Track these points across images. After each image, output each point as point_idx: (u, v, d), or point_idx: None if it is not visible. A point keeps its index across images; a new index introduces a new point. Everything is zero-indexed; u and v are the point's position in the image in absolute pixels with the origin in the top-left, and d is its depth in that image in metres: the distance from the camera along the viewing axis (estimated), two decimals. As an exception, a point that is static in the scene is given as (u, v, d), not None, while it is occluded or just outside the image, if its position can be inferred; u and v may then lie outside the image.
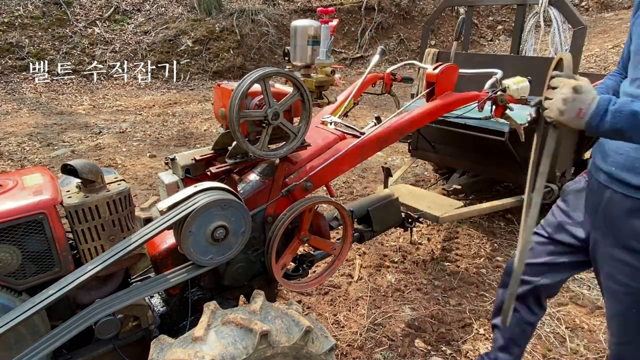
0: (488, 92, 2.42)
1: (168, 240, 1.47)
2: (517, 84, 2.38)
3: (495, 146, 2.89)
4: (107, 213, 1.26)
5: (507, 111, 2.45)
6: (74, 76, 8.68)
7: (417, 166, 4.65)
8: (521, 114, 2.91)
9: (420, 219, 2.54)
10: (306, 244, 1.66)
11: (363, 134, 1.82)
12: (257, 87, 1.41)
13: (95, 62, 9.01)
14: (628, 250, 1.26)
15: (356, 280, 2.73)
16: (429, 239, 3.23)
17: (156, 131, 6.07)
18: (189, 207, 1.22)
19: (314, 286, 1.76)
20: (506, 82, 2.39)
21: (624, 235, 1.27)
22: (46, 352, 1.09)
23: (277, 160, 1.58)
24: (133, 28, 9.85)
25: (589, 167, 1.45)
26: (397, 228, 2.30)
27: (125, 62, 9.19)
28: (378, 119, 2.03)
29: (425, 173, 4.52)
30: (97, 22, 9.71)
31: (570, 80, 1.07)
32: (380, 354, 2.14)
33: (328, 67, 1.65)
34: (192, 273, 1.30)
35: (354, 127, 1.88)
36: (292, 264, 1.89)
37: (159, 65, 9.25)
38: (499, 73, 2.48)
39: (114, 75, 8.92)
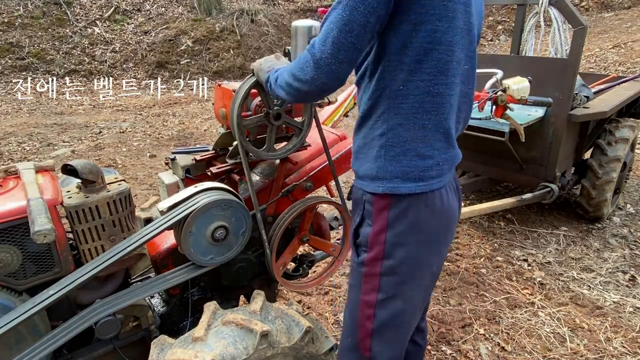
0: (488, 92, 2.42)
1: (168, 240, 1.47)
2: (518, 84, 2.39)
3: (495, 146, 2.89)
4: (107, 213, 1.26)
5: (508, 111, 2.46)
6: (74, 76, 8.67)
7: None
8: (521, 114, 2.92)
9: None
10: (306, 245, 1.66)
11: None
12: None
13: (95, 62, 9.00)
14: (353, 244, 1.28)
15: (356, 280, 2.73)
16: (429, 239, 3.23)
17: (156, 131, 6.07)
18: (189, 207, 1.22)
19: (314, 286, 1.76)
20: (506, 82, 2.39)
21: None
22: (46, 352, 1.09)
23: (278, 161, 1.58)
24: (133, 28, 9.85)
25: None
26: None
27: (126, 61, 9.18)
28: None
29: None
30: (97, 22, 9.71)
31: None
32: (381, 354, 2.14)
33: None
34: (192, 273, 1.31)
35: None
36: (292, 264, 1.89)
37: (159, 65, 9.25)
38: (500, 73, 2.49)
39: (114, 75, 8.91)
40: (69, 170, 1.25)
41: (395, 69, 1.05)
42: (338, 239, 1.89)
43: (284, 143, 1.54)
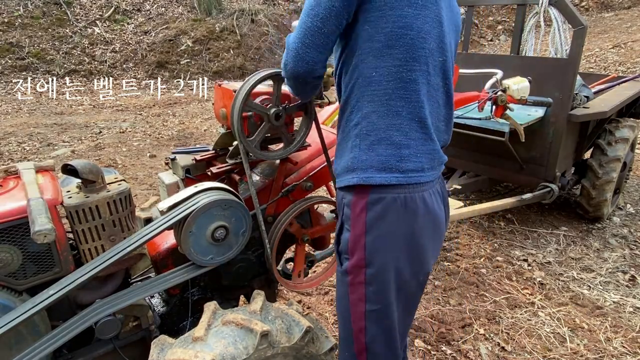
0: (488, 92, 2.42)
1: (168, 240, 1.47)
2: (518, 84, 2.38)
3: (495, 146, 2.89)
4: (107, 213, 1.26)
5: (507, 111, 2.46)
6: (74, 76, 8.67)
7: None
8: (521, 114, 2.92)
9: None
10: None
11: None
12: (259, 88, 1.40)
13: (95, 62, 9.00)
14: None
15: (356, 280, 2.73)
16: (429, 239, 3.23)
17: (156, 131, 6.07)
18: (190, 207, 1.22)
19: (314, 286, 1.76)
20: (506, 82, 2.39)
21: None
22: (47, 352, 1.09)
23: (278, 161, 1.58)
24: (133, 28, 9.84)
25: None
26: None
27: (126, 61, 9.18)
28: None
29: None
30: (97, 22, 9.71)
31: None
32: (381, 354, 2.14)
33: (329, 67, 1.65)
34: (192, 273, 1.30)
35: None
36: (292, 264, 1.89)
37: (159, 65, 9.25)
38: (499, 73, 2.48)
39: (114, 75, 8.91)
40: (69, 170, 1.25)
41: (368, 55, 1.05)
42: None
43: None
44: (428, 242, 1.15)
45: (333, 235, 2.03)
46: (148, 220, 1.57)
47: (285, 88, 1.21)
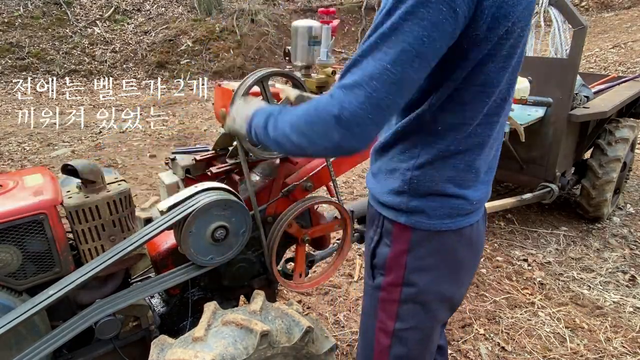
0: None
1: (168, 240, 1.47)
2: (518, 84, 2.38)
3: (495, 146, 2.89)
4: (107, 213, 1.26)
5: (507, 111, 2.46)
6: (74, 76, 8.67)
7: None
8: (521, 114, 2.92)
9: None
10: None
11: None
12: (257, 88, 1.41)
13: (95, 62, 9.00)
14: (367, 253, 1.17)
15: (356, 280, 2.73)
16: (429, 239, 3.23)
17: (156, 131, 6.07)
18: (190, 207, 1.22)
19: (314, 286, 1.76)
20: (506, 82, 2.39)
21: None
22: (46, 352, 1.09)
23: (278, 161, 1.58)
24: (133, 28, 9.85)
25: None
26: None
27: (126, 61, 9.18)
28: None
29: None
30: (97, 22, 9.71)
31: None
32: (381, 354, 2.14)
33: (329, 67, 1.65)
34: (192, 273, 1.30)
35: None
36: (292, 264, 1.89)
37: (159, 65, 9.25)
38: (499, 73, 2.48)
39: (114, 75, 8.91)
40: (69, 170, 1.25)
41: (437, 109, 0.95)
42: (338, 239, 1.89)
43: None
44: (471, 263, 1.12)
45: (333, 235, 2.03)
46: (148, 220, 1.56)
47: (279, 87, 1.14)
